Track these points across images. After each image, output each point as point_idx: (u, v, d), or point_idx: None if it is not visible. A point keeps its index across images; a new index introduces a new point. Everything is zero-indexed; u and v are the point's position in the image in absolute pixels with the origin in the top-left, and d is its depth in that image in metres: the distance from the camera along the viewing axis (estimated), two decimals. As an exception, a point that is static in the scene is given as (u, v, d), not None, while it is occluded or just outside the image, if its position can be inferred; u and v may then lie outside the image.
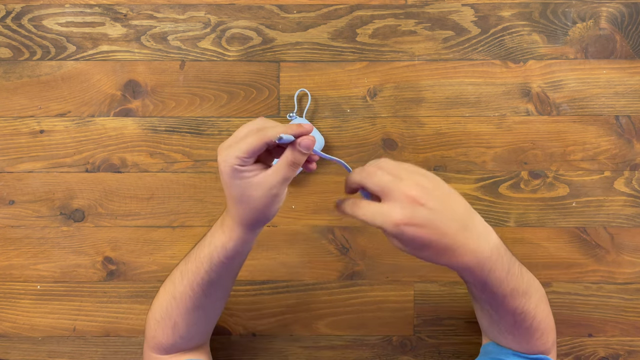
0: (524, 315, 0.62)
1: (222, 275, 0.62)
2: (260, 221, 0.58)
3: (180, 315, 0.64)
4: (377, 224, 0.53)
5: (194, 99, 0.80)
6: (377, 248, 0.81)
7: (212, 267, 0.61)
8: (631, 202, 0.80)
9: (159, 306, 0.66)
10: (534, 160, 0.80)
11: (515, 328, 0.63)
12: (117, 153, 0.80)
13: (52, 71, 0.80)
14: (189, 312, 0.64)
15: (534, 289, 0.64)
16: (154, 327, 0.66)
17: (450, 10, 0.79)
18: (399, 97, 0.80)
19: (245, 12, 0.80)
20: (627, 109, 0.80)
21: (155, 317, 0.66)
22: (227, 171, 0.55)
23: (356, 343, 0.81)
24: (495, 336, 0.67)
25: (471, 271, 0.56)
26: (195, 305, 0.63)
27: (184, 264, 0.64)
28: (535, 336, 0.65)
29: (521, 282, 0.61)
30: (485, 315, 0.65)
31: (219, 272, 0.61)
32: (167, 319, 0.65)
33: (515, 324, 0.63)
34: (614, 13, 0.79)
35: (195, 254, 0.63)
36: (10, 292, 0.81)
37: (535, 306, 0.63)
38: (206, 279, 0.61)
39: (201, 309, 0.64)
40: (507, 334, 0.65)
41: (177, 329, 0.65)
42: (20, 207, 0.80)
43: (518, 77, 0.80)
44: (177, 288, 0.63)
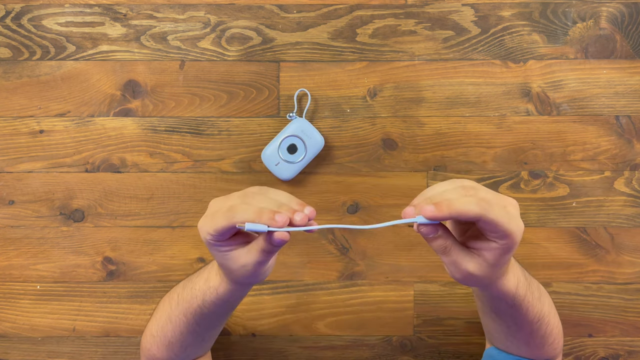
0: (540, 323, 0.61)
1: (213, 312, 0.61)
2: (247, 284, 0.57)
3: (175, 337, 0.64)
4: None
5: (193, 99, 0.80)
6: (377, 248, 0.81)
7: (204, 304, 0.60)
8: (631, 202, 0.80)
9: (156, 322, 0.65)
10: (534, 160, 0.80)
11: (532, 337, 0.62)
12: (117, 153, 0.80)
13: (52, 71, 0.80)
14: (183, 335, 0.64)
15: (544, 293, 0.63)
16: (150, 340, 0.66)
17: (450, 10, 0.79)
18: (399, 97, 0.80)
19: (245, 12, 0.79)
20: (627, 109, 0.80)
21: (152, 331, 0.66)
22: (205, 241, 0.53)
23: (356, 343, 0.81)
24: (507, 347, 0.66)
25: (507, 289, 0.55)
26: (189, 331, 0.63)
27: (182, 288, 0.63)
28: (549, 342, 0.64)
29: (534, 288, 0.60)
30: (501, 328, 0.63)
31: (211, 309, 0.60)
32: (162, 337, 0.65)
33: (532, 333, 0.61)
34: (614, 13, 0.79)
35: (192, 282, 0.62)
36: (10, 292, 0.80)
37: (549, 311, 0.62)
38: (199, 312, 0.61)
39: (195, 334, 0.64)
40: (522, 345, 0.63)
41: (171, 347, 0.65)
42: (20, 207, 0.80)
43: (518, 77, 0.80)
44: (173, 311, 0.63)
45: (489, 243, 0.50)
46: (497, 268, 0.51)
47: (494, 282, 0.54)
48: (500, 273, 0.53)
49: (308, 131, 0.77)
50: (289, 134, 0.77)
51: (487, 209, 0.48)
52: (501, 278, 0.54)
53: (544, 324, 0.62)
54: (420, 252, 0.80)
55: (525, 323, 0.60)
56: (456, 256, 0.51)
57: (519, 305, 0.57)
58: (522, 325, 0.60)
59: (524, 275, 0.58)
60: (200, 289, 0.59)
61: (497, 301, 0.57)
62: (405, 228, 0.80)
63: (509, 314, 0.59)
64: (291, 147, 0.77)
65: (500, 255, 0.50)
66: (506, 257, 0.51)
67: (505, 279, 0.54)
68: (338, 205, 0.80)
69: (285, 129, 0.78)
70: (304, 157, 0.77)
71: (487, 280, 0.53)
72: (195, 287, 0.60)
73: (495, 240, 0.49)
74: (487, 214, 0.48)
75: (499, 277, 0.54)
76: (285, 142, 0.77)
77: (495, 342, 0.68)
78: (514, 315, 0.59)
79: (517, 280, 0.56)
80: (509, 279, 0.55)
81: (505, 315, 0.60)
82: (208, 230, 0.51)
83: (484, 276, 0.51)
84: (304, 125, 0.77)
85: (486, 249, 0.50)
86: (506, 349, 0.66)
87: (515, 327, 0.61)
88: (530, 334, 0.62)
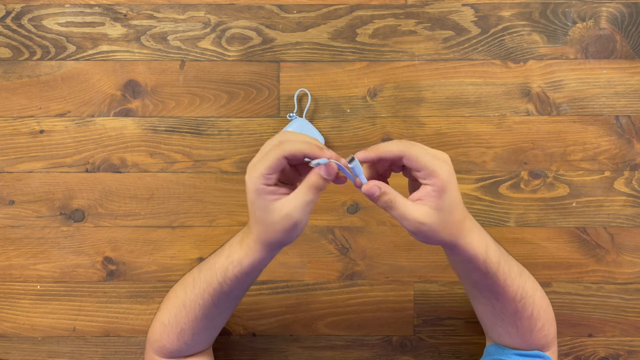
0: (524, 302, 0.62)
1: (234, 289, 0.61)
2: (280, 243, 0.57)
3: (188, 323, 0.64)
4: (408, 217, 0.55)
5: (193, 99, 0.80)
6: (377, 248, 0.81)
7: (225, 280, 0.60)
8: (631, 202, 0.80)
9: (168, 311, 0.66)
10: (534, 160, 0.80)
11: (517, 318, 0.63)
12: (117, 153, 0.80)
13: (52, 71, 0.80)
14: (197, 321, 0.64)
15: (527, 273, 0.65)
16: (159, 330, 0.66)
17: (450, 10, 0.79)
18: (399, 97, 0.80)
19: (245, 12, 0.79)
20: (627, 109, 0.80)
21: (163, 320, 0.66)
22: (252, 190, 0.55)
23: (356, 343, 0.81)
24: (499, 334, 0.67)
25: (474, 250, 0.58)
26: (204, 314, 0.63)
27: (198, 271, 0.63)
28: (537, 327, 0.65)
29: (513, 264, 0.63)
30: (488, 309, 0.65)
31: (231, 286, 0.61)
32: (174, 325, 0.65)
33: (517, 312, 0.63)
34: (614, 13, 0.79)
35: (210, 263, 0.62)
36: (10, 292, 0.80)
37: (533, 292, 0.64)
38: (218, 290, 0.61)
39: (209, 318, 0.64)
40: (510, 327, 0.65)
41: (182, 335, 0.65)
42: (20, 207, 0.80)
43: (518, 77, 0.80)
44: (188, 296, 0.63)
45: (424, 188, 0.55)
46: (443, 214, 0.55)
47: (455, 238, 0.57)
48: (455, 228, 0.56)
49: (308, 131, 0.77)
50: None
51: (409, 147, 0.55)
52: (463, 236, 0.57)
53: (529, 304, 0.63)
54: (420, 252, 0.81)
55: (508, 300, 0.62)
56: (403, 208, 0.55)
57: (494, 274, 0.59)
58: (505, 303, 0.62)
59: (496, 245, 0.61)
60: (221, 266, 0.60)
61: (471, 268, 0.60)
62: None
63: (487, 286, 0.61)
64: None
65: (437, 197, 0.55)
66: (444, 199, 0.55)
67: (469, 238, 0.57)
68: (338, 205, 0.80)
69: (285, 129, 0.78)
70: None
71: (443, 232, 0.56)
72: (216, 266, 0.60)
73: (426, 182, 0.55)
74: (407, 150, 0.55)
75: (458, 233, 0.57)
76: None
77: (490, 332, 0.69)
78: (493, 288, 0.61)
79: (485, 244, 0.59)
80: (474, 239, 0.58)
81: (485, 288, 0.62)
82: (261, 172, 0.54)
83: (434, 224, 0.55)
84: (304, 125, 0.77)
85: (424, 195, 0.55)
86: (499, 337, 0.67)
87: (499, 305, 0.63)
88: (515, 314, 0.63)
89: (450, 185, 0.56)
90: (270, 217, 0.55)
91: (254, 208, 0.56)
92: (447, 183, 0.55)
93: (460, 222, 0.57)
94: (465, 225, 0.58)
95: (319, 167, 0.54)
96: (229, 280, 0.60)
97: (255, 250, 0.58)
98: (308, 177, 0.55)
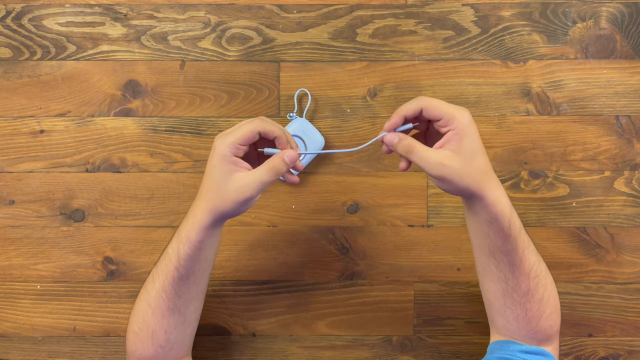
0: (537, 281, 0.63)
1: (191, 270, 0.63)
2: (226, 214, 0.60)
3: (157, 323, 0.64)
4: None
5: (194, 99, 0.80)
6: (377, 248, 0.81)
7: (180, 262, 0.62)
8: (631, 202, 0.80)
9: (136, 317, 0.65)
10: (534, 160, 0.80)
11: (528, 299, 0.63)
12: (117, 153, 0.80)
13: (52, 71, 0.80)
14: (165, 318, 0.64)
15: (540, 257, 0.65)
16: (133, 340, 0.66)
17: (450, 10, 0.79)
18: (399, 97, 0.80)
19: (245, 12, 0.80)
20: (627, 109, 0.80)
21: (134, 329, 0.66)
22: (219, 154, 0.58)
23: (356, 343, 0.81)
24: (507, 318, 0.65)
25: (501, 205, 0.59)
26: (170, 308, 0.64)
27: (154, 268, 0.65)
28: (546, 313, 0.64)
29: (531, 241, 0.63)
30: (500, 288, 0.64)
31: (187, 267, 0.62)
32: (144, 329, 0.65)
33: (529, 292, 0.63)
34: (614, 13, 0.79)
35: (163, 254, 0.64)
36: (10, 292, 0.81)
37: (546, 274, 0.65)
38: (176, 277, 0.62)
39: (177, 312, 0.64)
40: (519, 309, 0.64)
41: (155, 337, 0.65)
42: (20, 207, 0.80)
43: (518, 77, 0.80)
44: (150, 294, 0.64)
45: (446, 136, 0.58)
46: (465, 158, 0.57)
47: (482, 188, 0.58)
48: (481, 176, 0.58)
49: (308, 131, 0.77)
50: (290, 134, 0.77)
51: (426, 99, 0.59)
52: (490, 188, 0.59)
53: (541, 285, 0.64)
54: (420, 252, 0.81)
55: (523, 275, 0.62)
56: (423, 152, 0.58)
57: (515, 239, 0.61)
58: (520, 278, 0.62)
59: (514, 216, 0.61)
60: (173, 249, 0.62)
61: (494, 230, 0.60)
62: (405, 228, 0.80)
63: (506, 252, 0.62)
64: None
65: (458, 141, 0.57)
66: (465, 142, 0.57)
67: (497, 192, 0.59)
68: (338, 205, 0.80)
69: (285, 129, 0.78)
70: (304, 156, 0.77)
71: (468, 178, 0.58)
72: (168, 252, 0.62)
73: (447, 128, 0.58)
74: (426, 102, 0.58)
75: (484, 183, 0.59)
76: None
77: (496, 318, 0.67)
78: (512, 256, 0.62)
79: (511, 205, 0.60)
80: (500, 195, 0.59)
81: (503, 256, 0.62)
82: (231, 141, 0.58)
83: (457, 167, 0.57)
84: (304, 125, 0.77)
85: (445, 141, 0.58)
86: (506, 323, 0.66)
87: (513, 280, 0.63)
88: (527, 293, 0.63)
89: (471, 129, 0.58)
90: (227, 185, 0.58)
91: (214, 172, 0.59)
92: (466, 126, 0.57)
93: (484, 171, 0.59)
94: (491, 178, 0.59)
95: (284, 152, 0.60)
96: (182, 261, 0.61)
97: (201, 219, 0.60)
98: (272, 159, 0.60)
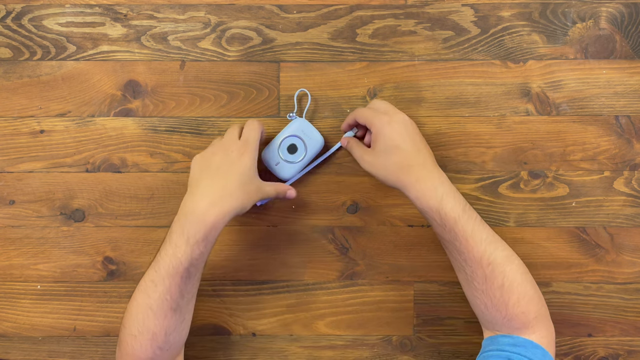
0: (492, 268, 0.65)
1: (199, 269, 0.67)
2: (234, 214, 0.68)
3: (158, 325, 0.65)
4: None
5: (194, 99, 0.80)
6: (377, 248, 0.81)
7: (192, 262, 0.65)
8: (631, 202, 0.80)
9: (134, 321, 0.66)
10: (533, 160, 0.80)
11: (488, 286, 0.66)
12: (117, 153, 0.80)
13: (53, 71, 0.80)
14: (167, 318, 0.65)
15: (503, 247, 0.68)
16: (130, 343, 0.66)
17: (450, 10, 0.79)
18: (399, 97, 0.80)
19: (245, 12, 0.80)
20: (627, 109, 0.80)
21: (132, 332, 0.66)
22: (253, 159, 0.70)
23: (356, 343, 0.81)
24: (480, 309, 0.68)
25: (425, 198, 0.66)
26: (173, 308, 0.65)
27: (154, 272, 0.65)
28: (512, 301, 0.66)
29: (484, 229, 0.67)
30: (463, 277, 0.69)
31: (197, 266, 0.66)
32: (144, 332, 0.65)
33: (486, 279, 0.66)
34: (614, 13, 0.79)
35: (168, 258, 0.65)
36: (11, 292, 0.81)
37: (504, 262, 0.66)
38: (185, 277, 0.65)
39: (178, 312, 0.66)
40: (485, 298, 0.66)
41: (155, 339, 0.65)
42: (21, 207, 0.80)
43: (518, 77, 0.80)
44: (151, 297, 0.65)
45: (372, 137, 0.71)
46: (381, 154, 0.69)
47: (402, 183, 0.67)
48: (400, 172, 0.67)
49: (308, 131, 0.77)
50: (289, 134, 0.77)
51: (357, 111, 0.73)
52: (410, 182, 0.67)
53: (498, 273, 0.66)
54: (420, 252, 0.81)
55: (475, 262, 0.66)
56: (356, 150, 0.74)
57: (452, 229, 0.66)
58: (473, 266, 0.66)
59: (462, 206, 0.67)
60: (184, 254, 0.64)
61: (430, 219, 0.67)
62: (405, 228, 0.81)
63: (450, 242, 0.67)
64: (291, 147, 0.78)
65: (375, 141, 0.70)
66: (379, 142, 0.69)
67: (418, 185, 0.66)
68: (338, 205, 0.81)
69: (285, 129, 0.78)
70: (304, 156, 0.78)
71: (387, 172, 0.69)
72: (177, 255, 0.64)
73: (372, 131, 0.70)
74: (357, 112, 0.73)
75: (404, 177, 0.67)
76: (285, 142, 0.77)
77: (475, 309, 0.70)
78: (456, 245, 0.66)
79: (441, 196, 0.66)
80: (424, 187, 0.66)
81: (449, 245, 0.68)
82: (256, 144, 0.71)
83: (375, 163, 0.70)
84: (304, 125, 0.77)
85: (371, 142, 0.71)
86: (482, 314, 0.69)
87: (469, 268, 0.66)
88: (485, 280, 0.66)
89: (386, 130, 0.68)
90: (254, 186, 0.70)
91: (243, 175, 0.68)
92: (381, 128, 0.68)
93: (403, 166, 0.67)
94: (411, 173, 0.66)
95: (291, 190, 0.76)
96: (195, 261, 0.65)
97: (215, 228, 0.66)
98: (280, 185, 0.74)
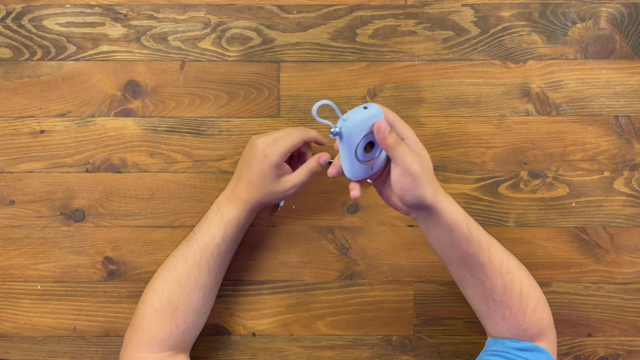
0: (511, 276, 0.65)
1: (228, 251, 0.71)
2: (264, 204, 0.72)
3: (182, 300, 0.68)
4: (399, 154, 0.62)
5: (194, 99, 0.80)
6: (377, 248, 0.81)
7: (224, 239, 0.70)
8: (631, 202, 0.80)
9: (159, 294, 0.68)
10: (533, 160, 0.80)
11: (508, 296, 0.65)
12: (117, 153, 0.80)
13: (53, 71, 0.80)
14: (192, 294, 0.68)
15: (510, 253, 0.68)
16: (151, 317, 0.67)
17: (450, 10, 0.80)
18: (398, 97, 0.80)
19: (245, 12, 0.80)
20: (626, 109, 0.80)
21: (155, 306, 0.68)
22: (272, 162, 0.68)
23: (356, 343, 0.81)
24: (495, 321, 0.67)
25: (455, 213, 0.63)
26: (199, 285, 0.69)
27: (186, 247, 0.70)
28: (530, 308, 0.66)
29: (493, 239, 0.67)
30: (479, 292, 0.66)
31: (229, 244, 0.70)
32: (167, 306, 0.67)
33: (506, 288, 0.65)
34: (614, 13, 0.79)
35: (201, 232, 0.70)
36: (11, 292, 0.81)
37: (519, 269, 0.67)
38: (215, 253, 0.69)
39: (202, 291, 0.69)
40: (503, 309, 0.66)
41: (175, 315, 0.67)
42: (21, 207, 0.80)
43: (518, 77, 0.80)
44: (180, 272, 0.69)
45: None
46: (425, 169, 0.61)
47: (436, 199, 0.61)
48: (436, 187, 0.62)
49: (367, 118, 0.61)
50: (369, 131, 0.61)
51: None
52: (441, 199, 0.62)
53: (516, 280, 0.65)
54: (420, 252, 0.81)
55: (495, 273, 0.64)
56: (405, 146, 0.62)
57: (477, 240, 0.63)
58: (494, 277, 0.64)
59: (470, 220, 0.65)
60: (217, 229, 0.70)
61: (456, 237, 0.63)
62: (405, 228, 0.81)
63: (473, 255, 0.64)
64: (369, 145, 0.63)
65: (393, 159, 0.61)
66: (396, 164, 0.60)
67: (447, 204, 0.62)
68: (338, 205, 0.81)
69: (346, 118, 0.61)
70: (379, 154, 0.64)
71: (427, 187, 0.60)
72: (212, 229, 0.69)
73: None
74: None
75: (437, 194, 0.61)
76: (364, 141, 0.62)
77: (487, 322, 0.69)
78: (479, 257, 0.64)
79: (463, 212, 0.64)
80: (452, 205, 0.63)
81: (473, 259, 0.64)
82: (284, 149, 0.68)
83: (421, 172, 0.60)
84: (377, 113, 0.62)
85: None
86: (496, 326, 0.67)
87: (488, 281, 0.65)
88: (505, 290, 0.65)
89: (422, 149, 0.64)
90: (277, 187, 0.70)
91: (267, 175, 0.68)
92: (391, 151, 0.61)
93: (437, 184, 0.63)
94: (441, 191, 0.63)
95: (319, 156, 0.70)
96: (227, 238, 0.70)
97: (246, 208, 0.70)
98: (308, 163, 0.71)
